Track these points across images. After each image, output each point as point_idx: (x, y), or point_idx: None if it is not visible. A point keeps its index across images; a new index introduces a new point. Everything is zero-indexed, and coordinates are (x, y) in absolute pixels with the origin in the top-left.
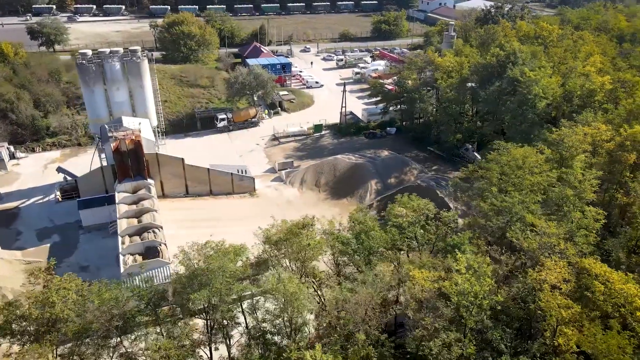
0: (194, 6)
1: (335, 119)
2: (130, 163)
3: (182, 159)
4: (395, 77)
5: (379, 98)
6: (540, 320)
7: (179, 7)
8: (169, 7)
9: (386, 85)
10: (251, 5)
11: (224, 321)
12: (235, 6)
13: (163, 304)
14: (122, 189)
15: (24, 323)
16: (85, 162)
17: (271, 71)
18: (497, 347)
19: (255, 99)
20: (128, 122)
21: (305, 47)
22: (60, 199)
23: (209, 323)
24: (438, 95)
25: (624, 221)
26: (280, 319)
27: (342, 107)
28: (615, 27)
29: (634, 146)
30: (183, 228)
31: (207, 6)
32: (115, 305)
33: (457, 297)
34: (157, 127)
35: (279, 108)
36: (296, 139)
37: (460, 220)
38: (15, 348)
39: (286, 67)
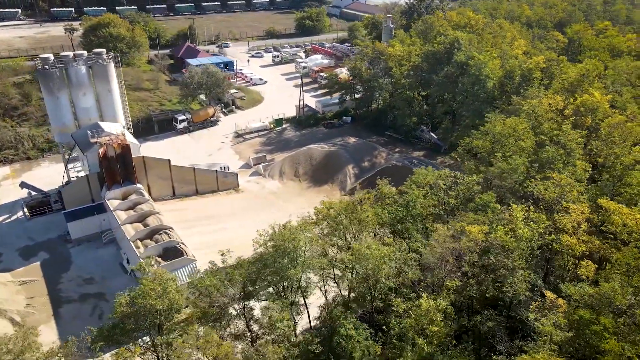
0: (102, 8)
1: (289, 112)
2: (118, 168)
3: (169, 161)
4: (342, 69)
5: (327, 90)
6: (562, 257)
7: (85, 9)
8: (72, 9)
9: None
10: (164, 6)
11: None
12: (147, 7)
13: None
14: (112, 196)
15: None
16: (43, 175)
17: None
18: (535, 283)
19: (204, 97)
20: (107, 127)
21: (224, 43)
22: (29, 216)
23: (290, 296)
24: (392, 82)
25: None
26: (365, 284)
27: (299, 100)
28: (522, 15)
29: (587, 111)
30: (181, 229)
31: (116, 7)
32: (224, 290)
33: (515, 242)
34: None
35: (233, 106)
36: (259, 134)
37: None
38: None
39: (229, 65)
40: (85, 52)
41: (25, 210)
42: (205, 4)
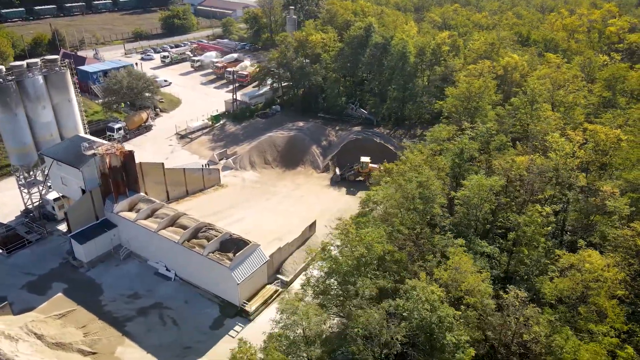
0: None
1: (212, 109)
2: (124, 178)
3: (162, 164)
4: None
5: (239, 84)
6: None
7: None
8: None
9: (240, 72)
10: None
11: None
12: None
13: None
14: (121, 208)
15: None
16: None
17: None
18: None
19: (115, 105)
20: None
21: (95, 48)
22: (7, 253)
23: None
24: (324, 67)
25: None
26: (472, 212)
27: (233, 95)
28: (389, 2)
29: (512, 70)
30: None
31: None
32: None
33: (551, 162)
34: None
35: (158, 109)
36: (203, 132)
37: None
38: None
39: None
40: (38, 60)
41: None
42: (38, 7)
